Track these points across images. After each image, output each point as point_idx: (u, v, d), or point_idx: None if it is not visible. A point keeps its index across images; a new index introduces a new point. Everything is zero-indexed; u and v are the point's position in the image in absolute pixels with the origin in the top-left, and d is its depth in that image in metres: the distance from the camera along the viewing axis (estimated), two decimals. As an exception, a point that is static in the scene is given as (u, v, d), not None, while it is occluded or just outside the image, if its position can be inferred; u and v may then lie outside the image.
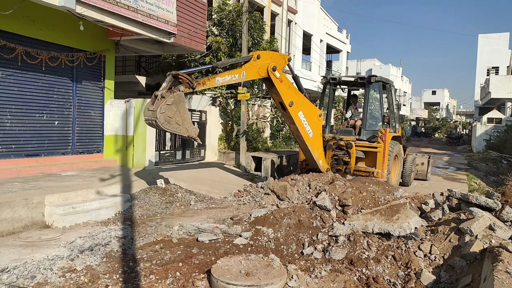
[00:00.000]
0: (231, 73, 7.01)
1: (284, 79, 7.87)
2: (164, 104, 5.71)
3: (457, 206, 6.22)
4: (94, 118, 9.97)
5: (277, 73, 7.67)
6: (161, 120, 5.66)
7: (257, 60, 7.42)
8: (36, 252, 4.78)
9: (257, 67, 7.45)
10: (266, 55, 7.65)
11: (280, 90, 7.82)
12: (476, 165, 18.50)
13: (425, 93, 77.77)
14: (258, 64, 7.44)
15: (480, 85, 41.46)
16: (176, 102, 5.82)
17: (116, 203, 6.94)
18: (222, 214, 6.90)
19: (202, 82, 6.56)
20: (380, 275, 4.69)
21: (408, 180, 11.56)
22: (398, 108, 11.78)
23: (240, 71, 7.17)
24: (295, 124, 8.26)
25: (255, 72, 7.50)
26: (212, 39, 13.64)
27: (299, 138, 8.59)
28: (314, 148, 8.74)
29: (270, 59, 7.64)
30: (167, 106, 5.73)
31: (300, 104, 8.28)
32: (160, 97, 5.79)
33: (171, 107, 5.76)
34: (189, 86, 6.24)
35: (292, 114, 8.11)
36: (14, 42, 7.83)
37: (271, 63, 7.60)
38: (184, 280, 4.38)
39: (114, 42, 10.29)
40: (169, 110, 5.74)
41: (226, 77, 6.93)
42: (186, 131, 5.97)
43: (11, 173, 7.65)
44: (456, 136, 43.53)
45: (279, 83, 7.77)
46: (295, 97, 8.14)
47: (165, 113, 5.71)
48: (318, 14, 27.64)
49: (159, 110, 5.65)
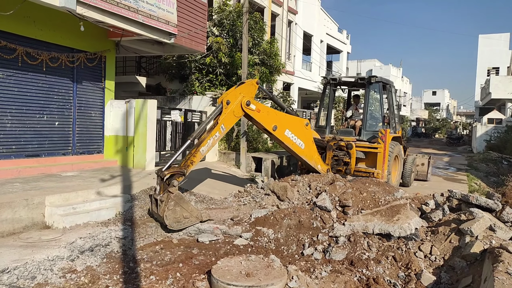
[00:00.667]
0: (211, 135, 6.75)
1: (261, 107, 7.64)
2: (167, 211, 5.88)
3: (458, 206, 6.21)
4: (95, 119, 9.97)
5: (252, 106, 7.39)
6: (172, 226, 5.93)
7: (229, 106, 7.10)
8: (37, 253, 4.78)
9: (232, 113, 7.14)
10: (234, 95, 7.28)
11: (260, 120, 7.64)
12: (477, 165, 18.49)
13: (425, 93, 77.78)
14: (231, 108, 7.12)
15: (480, 85, 41.44)
16: (177, 202, 5.97)
17: (116, 203, 6.94)
18: (222, 214, 6.91)
19: (190, 162, 6.46)
20: (381, 276, 4.69)
21: (409, 180, 11.56)
22: (399, 109, 11.80)
23: (218, 126, 6.90)
24: (285, 143, 8.16)
25: (232, 117, 7.23)
26: (212, 39, 13.64)
27: (293, 153, 8.52)
28: (309, 157, 8.71)
29: (240, 96, 7.28)
30: (171, 211, 5.90)
31: (284, 123, 8.08)
32: (160, 202, 5.96)
33: (175, 209, 5.93)
34: (180, 175, 6.27)
35: (278, 136, 7.99)
36: (15, 42, 7.83)
37: (243, 99, 7.27)
38: (185, 281, 4.38)
39: (115, 43, 10.29)
40: (173, 213, 5.91)
41: (209, 141, 6.73)
42: (196, 219, 6.16)
43: (12, 174, 7.65)
44: (457, 137, 43.51)
45: (257, 113, 7.55)
46: (277, 120, 7.93)
47: (171, 217, 5.90)
48: (318, 15, 27.66)
49: (165, 219, 5.86)
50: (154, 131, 9.93)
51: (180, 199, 6.04)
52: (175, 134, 11.00)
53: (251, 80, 7.81)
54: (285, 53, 23.13)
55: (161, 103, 13.32)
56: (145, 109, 9.59)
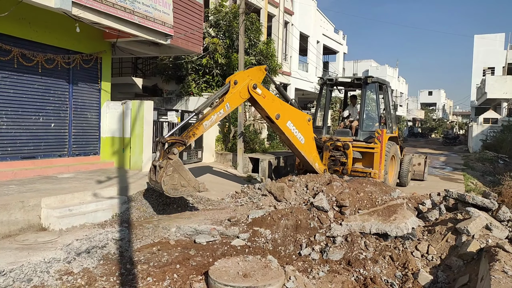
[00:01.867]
0: (216, 111, 6.85)
1: (266, 94, 7.74)
2: (165, 176, 5.88)
3: (454, 206, 6.24)
4: (91, 120, 9.94)
5: (258, 90, 7.50)
6: (169, 192, 5.93)
7: (236, 86, 7.22)
8: (33, 255, 4.75)
9: (238, 93, 7.27)
10: (243, 76, 7.43)
11: (264, 106, 7.70)
12: (473, 165, 18.56)
13: (421, 93, 78.05)
14: (238, 88, 7.25)
15: (476, 85, 41.60)
16: (176, 169, 5.98)
17: (113, 205, 6.91)
18: (219, 215, 6.89)
19: (192, 133, 6.57)
20: (378, 276, 4.70)
21: (405, 180, 11.59)
22: (395, 109, 11.83)
23: (223, 104, 6.99)
24: (285, 134, 8.20)
25: (238, 98, 7.34)
26: (209, 40, 13.63)
27: (292, 146, 8.56)
28: (308, 153, 8.73)
29: (247, 78, 7.42)
30: (169, 177, 5.90)
31: (287, 114, 8.16)
32: (159, 168, 5.96)
33: (173, 176, 5.93)
34: (181, 144, 6.30)
35: (280, 125, 8.03)
36: (10, 44, 7.80)
37: (250, 81, 7.40)
38: (182, 282, 4.37)
39: (111, 44, 10.26)
40: (171, 179, 5.92)
41: (213, 117, 6.82)
42: (194, 189, 6.17)
43: (7, 176, 7.61)
44: (453, 137, 43.69)
45: (263, 99, 7.63)
46: (281, 109, 8.01)
47: (169, 183, 5.90)
48: (314, 16, 27.71)
49: (163, 184, 5.85)
50: (151, 132, 9.90)
51: (179, 166, 6.01)
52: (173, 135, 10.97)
53: (260, 66, 7.99)
54: (282, 54, 23.14)
55: (158, 104, 13.30)
56: (142, 110, 9.57)
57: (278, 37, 22.09)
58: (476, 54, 44.35)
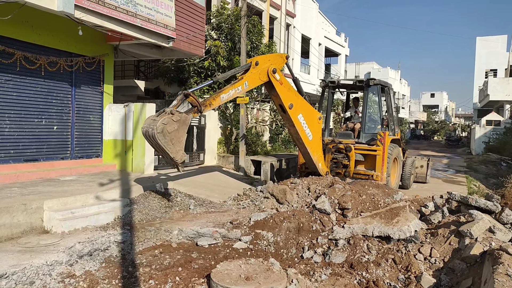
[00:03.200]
0: (234, 87, 6.97)
1: (284, 81, 7.87)
2: (169, 118, 5.75)
3: (457, 208, 6.21)
4: (93, 123, 9.96)
5: (277, 75, 7.65)
6: (158, 129, 5.61)
7: (256, 67, 7.39)
8: (35, 258, 4.76)
9: (258, 74, 7.42)
10: (264, 59, 7.62)
11: (280, 92, 7.80)
12: (476, 167, 18.50)
13: (423, 95, 77.92)
14: (258, 70, 7.41)
15: (478, 87, 41.53)
16: (181, 122, 5.89)
17: (115, 207, 6.91)
18: (221, 218, 6.89)
19: (209, 103, 6.57)
20: (380, 279, 4.68)
21: (408, 183, 11.56)
22: (397, 111, 11.81)
23: (242, 82, 7.12)
24: (294, 127, 8.24)
25: (257, 79, 7.47)
26: (211, 43, 13.66)
27: (299, 141, 8.57)
28: (313, 151, 8.73)
29: (268, 62, 7.61)
30: (171, 121, 5.77)
31: (300, 106, 8.26)
32: (169, 113, 5.86)
33: (174, 124, 5.80)
34: (197, 110, 6.30)
35: (292, 116, 8.09)
36: (13, 47, 7.83)
37: (271, 66, 7.57)
38: (184, 285, 4.36)
39: (113, 47, 10.30)
40: (171, 124, 5.76)
41: (230, 92, 6.90)
42: (175, 152, 5.85)
43: (10, 179, 7.63)
44: (455, 139, 43.61)
45: (279, 85, 7.75)
46: (295, 100, 8.12)
47: (167, 125, 5.72)
48: (316, 18, 27.73)
49: (162, 120, 5.68)
50: (153, 135, 9.90)
51: (185, 123, 5.95)
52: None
53: (281, 53, 8.24)
54: (284, 56, 23.15)
55: (160, 107, 13.25)
56: (144, 113, 9.58)
57: (280, 40, 22.11)
58: (478, 56, 44.28)
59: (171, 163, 6.19)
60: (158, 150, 6.18)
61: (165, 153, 5.90)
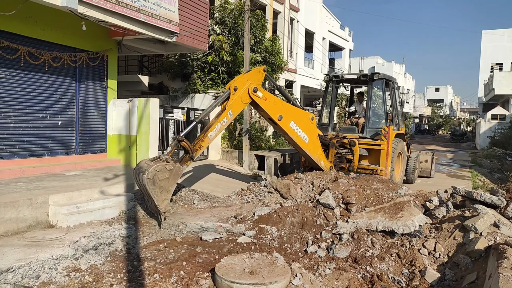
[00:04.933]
0: (219, 121, 6.79)
1: (268, 96, 7.65)
2: (163, 165, 5.79)
3: (462, 203, 6.20)
4: (97, 118, 9.99)
5: (259, 93, 7.40)
6: (149, 175, 5.61)
7: (236, 92, 7.11)
8: (41, 252, 4.80)
9: (239, 98, 7.16)
10: (242, 81, 7.30)
11: (266, 108, 7.63)
12: (480, 162, 18.41)
13: (428, 90, 77.46)
14: (239, 94, 7.14)
15: (483, 81, 41.22)
16: (174, 172, 5.94)
17: (120, 202, 6.95)
18: (225, 212, 6.91)
19: (199, 146, 6.52)
20: (385, 273, 4.68)
21: (412, 177, 11.53)
22: (402, 106, 11.75)
23: (226, 112, 6.91)
24: (288, 135, 8.15)
25: (240, 104, 7.25)
26: (214, 38, 13.62)
27: (297, 146, 8.51)
28: (313, 152, 8.69)
29: (247, 83, 7.29)
30: (165, 169, 5.80)
31: (290, 114, 8.09)
32: (164, 160, 5.91)
33: (167, 173, 5.83)
34: (189, 157, 6.33)
35: (283, 127, 7.97)
36: (17, 42, 7.85)
37: (250, 85, 7.28)
38: (188, 279, 4.39)
39: (117, 42, 10.29)
40: (163, 172, 5.78)
41: (217, 126, 6.76)
42: (160, 201, 5.82)
43: (15, 173, 7.68)
44: (460, 133, 43.35)
45: (264, 101, 7.55)
46: (283, 110, 7.94)
47: (159, 172, 5.73)
48: (320, 12, 27.58)
49: (155, 167, 5.69)
50: (157, 130, 9.94)
51: (177, 174, 6.00)
52: (178, 133, 11.00)
53: (258, 68, 7.83)
54: (287, 51, 23.08)
55: (164, 102, 13.32)
56: (148, 108, 9.60)
57: (284, 34, 22.02)
58: (484, 50, 43.84)
59: (154, 210, 6.11)
60: (144, 193, 6.15)
61: (150, 198, 5.88)
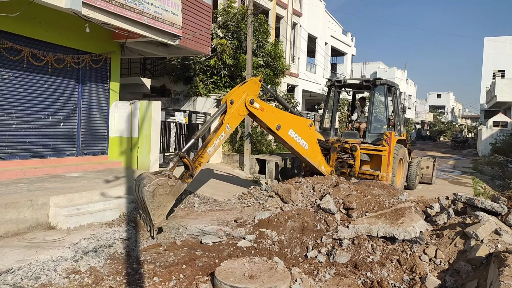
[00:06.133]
0: (217, 136, 6.76)
1: (265, 106, 7.61)
2: (165, 180, 5.77)
3: (463, 210, 6.18)
4: (99, 120, 10.01)
5: (256, 104, 7.35)
6: (150, 188, 5.59)
7: (233, 105, 7.06)
8: (41, 253, 4.79)
9: (236, 112, 7.12)
10: (238, 94, 7.22)
11: (264, 119, 7.59)
12: (482, 169, 18.36)
13: (430, 96, 77.42)
14: (236, 107, 7.09)
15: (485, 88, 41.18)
16: (175, 189, 5.93)
17: (120, 204, 6.95)
18: (226, 216, 6.90)
19: (198, 163, 6.50)
20: (385, 279, 4.66)
21: (413, 183, 11.51)
22: (403, 111, 11.75)
23: (224, 126, 6.87)
24: (288, 143, 8.12)
25: (237, 117, 7.22)
26: (217, 41, 13.67)
27: (296, 153, 8.49)
28: (312, 158, 8.68)
29: (243, 94, 7.24)
30: (166, 184, 5.79)
31: (288, 123, 8.05)
32: (167, 176, 5.90)
33: (167, 188, 5.82)
34: (189, 175, 6.33)
35: (282, 135, 7.94)
36: (21, 44, 7.88)
37: (247, 97, 7.23)
38: (188, 282, 4.38)
39: (120, 44, 10.33)
40: (164, 187, 5.77)
41: (215, 142, 6.73)
42: (157, 215, 5.79)
43: (16, 174, 7.69)
44: (462, 140, 43.24)
45: (261, 112, 7.52)
46: (281, 119, 7.90)
47: (160, 187, 5.71)
48: (323, 17, 27.66)
49: (157, 180, 5.68)
50: (158, 132, 9.95)
51: (178, 191, 5.98)
52: (179, 136, 11.02)
53: (254, 78, 7.73)
54: (290, 55, 23.13)
55: (166, 105, 13.36)
56: (150, 110, 9.61)
57: (286, 39, 22.08)
58: (486, 56, 43.86)
59: (148, 223, 6.04)
60: (140, 206, 6.06)
61: (146, 211, 5.82)
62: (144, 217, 6.06)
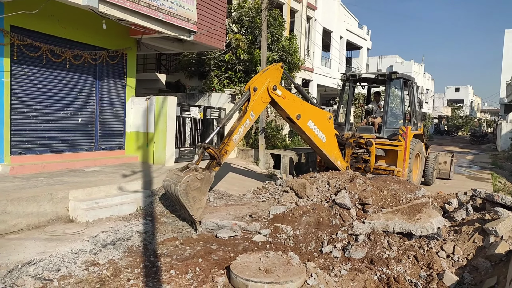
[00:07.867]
0: (242, 123, 6.74)
1: (287, 94, 7.60)
2: (194, 176, 5.77)
3: (482, 206, 6.07)
4: (116, 115, 10.14)
5: (278, 92, 7.34)
6: (182, 187, 5.62)
7: (256, 92, 7.05)
8: (61, 246, 4.91)
9: (260, 99, 7.11)
10: (261, 81, 7.20)
11: (285, 107, 7.57)
12: (501, 164, 17.98)
13: (448, 90, 75.95)
14: (259, 94, 7.09)
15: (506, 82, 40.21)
16: (205, 180, 5.93)
17: (137, 198, 7.05)
18: (241, 211, 6.93)
19: (225, 151, 6.50)
20: (401, 275, 4.62)
21: (430, 179, 11.35)
22: (420, 106, 11.56)
23: (248, 114, 6.85)
24: (306, 134, 8.09)
25: (261, 104, 7.21)
26: (231, 36, 13.66)
27: (314, 145, 8.46)
28: (330, 151, 8.63)
29: (266, 81, 7.22)
30: (195, 179, 5.79)
31: (308, 113, 8.03)
32: (194, 170, 5.91)
33: (198, 182, 5.84)
34: (216, 163, 6.32)
35: (301, 126, 7.92)
36: (40, 40, 8.03)
37: (269, 84, 7.21)
38: (204, 275, 4.42)
39: (136, 41, 10.43)
40: (194, 182, 5.79)
41: (240, 129, 6.72)
42: (195, 210, 5.88)
43: (37, 169, 7.87)
44: (480, 135, 42.39)
45: (283, 100, 7.50)
46: (301, 109, 7.88)
47: (190, 183, 5.74)
48: (338, 11, 27.35)
49: (186, 178, 5.69)
50: (174, 127, 10.03)
51: (208, 182, 5.99)
52: (194, 131, 11.09)
53: (276, 65, 7.70)
54: (304, 50, 22.98)
55: (181, 100, 13.44)
56: (165, 106, 9.70)
57: (301, 33, 21.92)
58: (506, 49, 42.79)
59: (189, 219, 6.16)
60: (177, 203, 6.19)
61: (184, 208, 5.94)
62: (183, 212, 6.14)
